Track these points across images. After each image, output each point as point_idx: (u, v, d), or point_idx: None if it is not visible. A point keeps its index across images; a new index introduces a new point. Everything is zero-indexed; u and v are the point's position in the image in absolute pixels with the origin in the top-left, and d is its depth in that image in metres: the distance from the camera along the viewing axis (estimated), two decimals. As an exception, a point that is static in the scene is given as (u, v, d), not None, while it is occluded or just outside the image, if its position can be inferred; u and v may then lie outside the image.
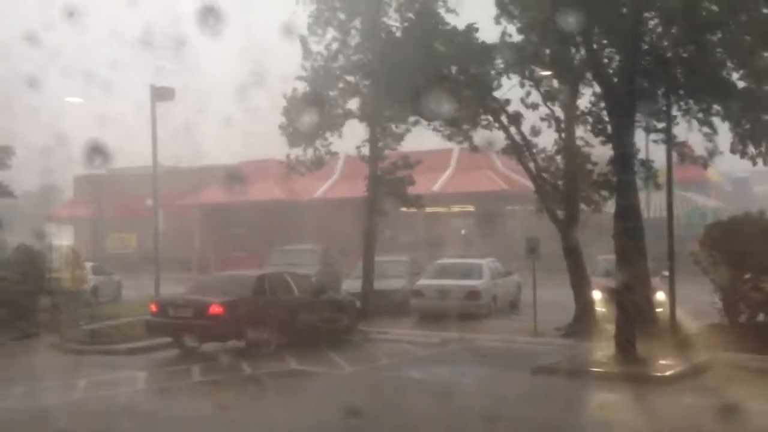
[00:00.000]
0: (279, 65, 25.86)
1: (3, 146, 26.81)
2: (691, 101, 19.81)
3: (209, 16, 15.46)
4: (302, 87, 25.61)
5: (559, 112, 22.02)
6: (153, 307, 19.48)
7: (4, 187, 27.40)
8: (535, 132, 22.41)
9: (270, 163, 41.59)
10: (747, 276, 19.46)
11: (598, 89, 20.62)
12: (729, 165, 27.49)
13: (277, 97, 25.82)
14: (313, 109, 25.26)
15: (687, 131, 21.75)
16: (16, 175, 28.69)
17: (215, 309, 18.13)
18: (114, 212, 50.97)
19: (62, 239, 31.18)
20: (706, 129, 20.69)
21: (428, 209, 33.88)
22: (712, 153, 21.26)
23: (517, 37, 21.01)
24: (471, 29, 21.24)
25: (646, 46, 18.72)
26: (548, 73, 21.34)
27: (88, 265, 26.47)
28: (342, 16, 25.60)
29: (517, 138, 22.43)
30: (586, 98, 21.82)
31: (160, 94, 25.70)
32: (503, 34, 20.69)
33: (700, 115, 20.05)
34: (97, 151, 19.92)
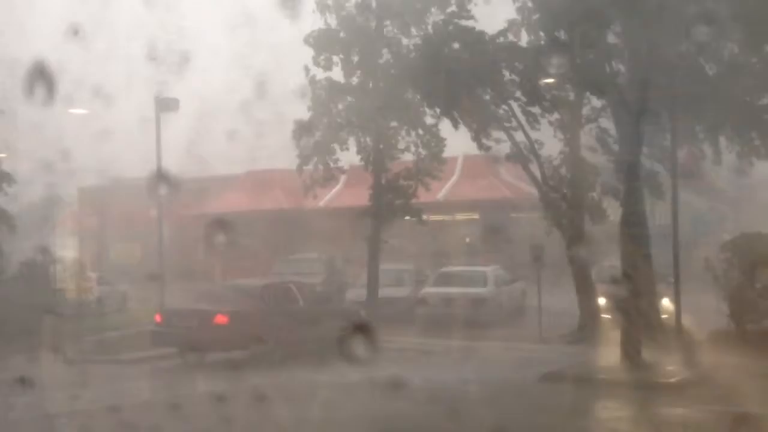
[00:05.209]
0: (284, 76, 26.22)
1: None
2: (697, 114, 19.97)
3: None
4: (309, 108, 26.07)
5: (564, 120, 22.11)
6: (157, 318, 19.46)
7: (5, 212, 27.39)
8: (540, 144, 22.49)
9: (275, 173, 41.60)
10: (758, 285, 19.39)
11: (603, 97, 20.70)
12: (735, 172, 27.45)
13: (282, 106, 26.21)
14: (320, 127, 25.86)
15: (692, 140, 21.93)
16: (20, 188, 28.74)
17: (220, 319, 18.11)
18: (118, 223, 50.95)
19: (67, 251, 31.21)
20: (708, 140, 20.88)
21: (433, 217, 33.88)
22: (716, 161, 21.38)
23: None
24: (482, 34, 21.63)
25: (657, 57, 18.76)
26: (552, 80, 21.39)
27: (93, 275, 26.49)
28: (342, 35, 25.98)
29: (523, 145, 22.48)
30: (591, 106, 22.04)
31: (165, 105, 25.76)
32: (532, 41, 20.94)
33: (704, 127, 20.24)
34: None
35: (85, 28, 20.44)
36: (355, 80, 26.08)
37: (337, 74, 26.19)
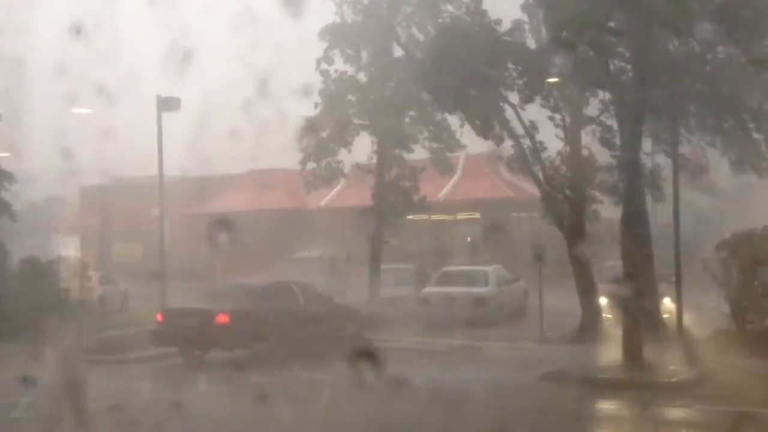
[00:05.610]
0: (287, 75, 26.29)
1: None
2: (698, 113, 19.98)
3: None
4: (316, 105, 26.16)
5: (566, 119, 22.11)
6: (159, 317, 19.47)
7: (7, 205, 27.32)
8: (543, 147, 22.50)
9: (276, 172, 41.64)
10: (757, 283, 19.38)
11: (607, 96, 20.71)
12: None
13: (285, 105, 26.29)
14: (325, 128, 26.01)
15: (693, 139, 21.94)
16: (22, 187, 28.76)
17: (222, 318, 18.11)
18: (120, 222, 50.99)
19: (69, 250, 31.25)
20: (710, 139, 20.90)
21: (434, 217, 33.88)
22: (718, 160, 21.41)
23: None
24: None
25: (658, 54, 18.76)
26: (555, 80, 21.39)
27: (95, 274, 26.50)
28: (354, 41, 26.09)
29: (525, 147, 22.49)
30: (593, 105, 22.04)
31: (166, 104, 25.72)
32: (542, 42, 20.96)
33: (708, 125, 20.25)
34: None
35: (87, 27, 20.43)
36: (366, 76, 26.13)
37: (349, 69, 26.32)
